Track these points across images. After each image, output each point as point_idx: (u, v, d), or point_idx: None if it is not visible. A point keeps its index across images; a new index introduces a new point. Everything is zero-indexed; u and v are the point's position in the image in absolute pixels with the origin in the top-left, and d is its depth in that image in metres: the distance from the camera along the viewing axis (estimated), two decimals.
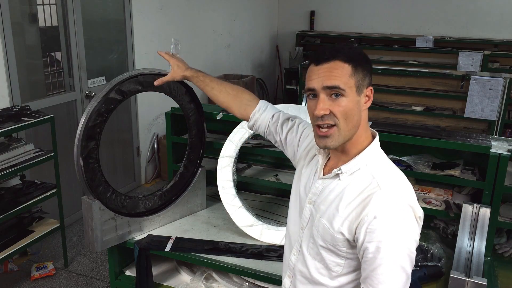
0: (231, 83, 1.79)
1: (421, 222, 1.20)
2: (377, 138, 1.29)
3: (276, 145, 1.63)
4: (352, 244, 1.21)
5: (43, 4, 3.61)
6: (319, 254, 1.28)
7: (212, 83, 1.75)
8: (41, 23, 3.65)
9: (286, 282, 1.42)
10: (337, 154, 1.28)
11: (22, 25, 3.48)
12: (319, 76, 1.20)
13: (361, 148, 1.26)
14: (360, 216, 1.16)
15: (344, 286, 1.27)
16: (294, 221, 1.40)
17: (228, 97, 1.71)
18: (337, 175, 1.26)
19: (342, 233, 1.21)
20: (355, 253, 1.22)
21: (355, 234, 1.18)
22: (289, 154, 1.56)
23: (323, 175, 1.32)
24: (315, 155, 1.39)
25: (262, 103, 1.66)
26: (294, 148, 1.52)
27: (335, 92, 1.19)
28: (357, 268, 1.24)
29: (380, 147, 1.29)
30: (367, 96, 1.24)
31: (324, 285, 1.29)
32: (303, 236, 1.34)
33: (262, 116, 1.62)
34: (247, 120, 1.69)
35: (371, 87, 1.24)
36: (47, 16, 3.66)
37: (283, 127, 1.57)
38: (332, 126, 1.20)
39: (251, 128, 1.69)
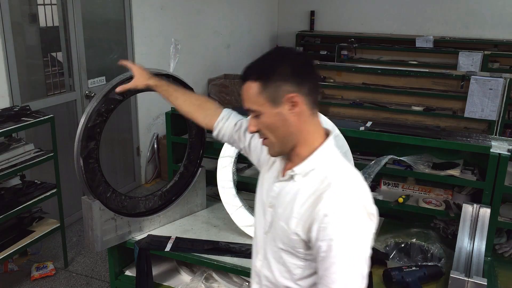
0: (195, 93, 1.80)
1: (375, 219, 1.18)
2: (331, 137, 1.27)
3: (242, 152, 1.62)
4: (309, 245, 1.20)
5: (43, 4, 3.61)
6: (281, 257, 1.28)
7: (176, 93, 1.74)
8: (41, 23, 3.65)
9: None
10: (291, 158, 1.28)
11: (22, 25, 3.48)
12: (242, 97, 1.26)
13: (312, 149, 1.24)
14: (312, 215, 1.16)
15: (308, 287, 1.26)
16: (259, 226, 1.39)
17: (193, 107, 1.71)
18: (292, 177, 1.26)
19: (297, 234, 1.20)
20: (313, 254, 1.21)
21: (309, 233, 1.18)
22: (254, 160, 1.55)
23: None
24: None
25: (226, 111, 1.66)
26: (258, 153, 1.50)
27: (253, 113, 1.23)
28: None
29: (334, 146, 1.27)
30: (291, 102, 1.19)
31: None
32: (267, 240, 1.33)
33: (226, 125, 1.62)
34: (212, 130, 1.68)
35: (293, 94, 1.18)
36: (47, 16, 3.66)
37: (246, 133, 1.55)
38: (267, 138, 1.25)
39: (216, 137, 1.68)
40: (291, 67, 1.20)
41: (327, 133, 1.28)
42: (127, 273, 2.36)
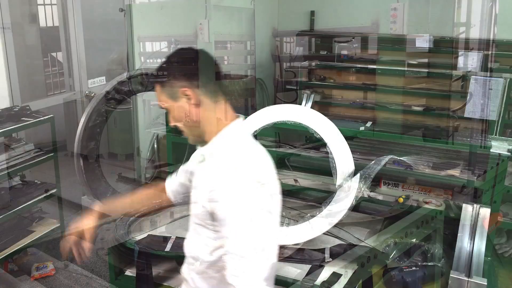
0: (139, 191, 1.85)
1: (266, 186, 1.30)
2: (236, 121, 1.40)
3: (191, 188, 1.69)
4: (213, 216, 1.30)
5: (43, 4, 3.61)
6: (198, 232, 1.40)
7: (129, 200, 1.81)
8: (41, 23, 3.65)
9: (184, 269, 1.51)
10: (206, 143, 1.41)
11: (22, 25, 3.48)
12: None
13: (218, 132, 1.38)
14: (212, 187, 1.29)
15: (220, 258, 1.34)
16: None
17: (149, 202, 1.81)
18: (204, 158, 1.40)
19: (204, 206, 1.32)
20: (217, 224, 1.31)
21: (211, 204, 1.29)
22: None
23: None
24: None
25: (166, 182, 1.77)
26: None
27: (165, 109, 1.41)
28: None
29: (240, 128, 1.40)
30: (185, 96, 1.35)
31: (206, 262, 1.39)
32: (191, 219, 1.45)
33: (172, 188, 1.73)
34: (171, 202, 1.77)
35: (185, 88, 1.35)
36: (47, 16, 3.66)
37: (181, 169, 1.69)
38: (183, 130, 1.42)
39: (176, 201, 1.77)
40: (180, 65, 1.38)
41: (237, 117, 1.42)
42: (127, 273, 2.36)
